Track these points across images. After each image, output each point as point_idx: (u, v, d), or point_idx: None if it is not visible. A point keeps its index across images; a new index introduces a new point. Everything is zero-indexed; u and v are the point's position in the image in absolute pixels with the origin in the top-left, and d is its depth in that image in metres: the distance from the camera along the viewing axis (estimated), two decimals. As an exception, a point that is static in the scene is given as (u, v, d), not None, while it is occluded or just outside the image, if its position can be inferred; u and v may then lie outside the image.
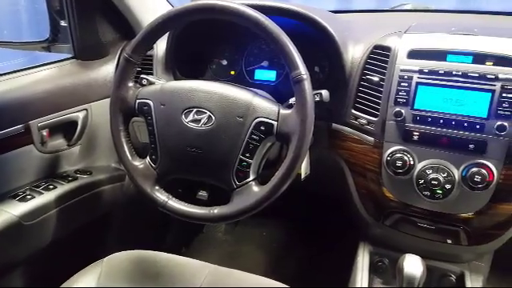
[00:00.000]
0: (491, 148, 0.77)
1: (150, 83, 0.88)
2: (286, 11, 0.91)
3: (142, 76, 0.89)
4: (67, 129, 1.16)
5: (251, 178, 0.77)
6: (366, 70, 0.90)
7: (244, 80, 1.10)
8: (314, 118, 0.74)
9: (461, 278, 0.94)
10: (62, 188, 1.08)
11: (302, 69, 0.72)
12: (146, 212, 1.28)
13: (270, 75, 1.09)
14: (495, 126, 0.76)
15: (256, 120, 0.76)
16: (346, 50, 0.92)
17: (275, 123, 0.75)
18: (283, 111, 0.76)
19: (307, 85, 0.72)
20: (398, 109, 0.83)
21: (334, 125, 0.96)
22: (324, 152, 0.99)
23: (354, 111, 0.91)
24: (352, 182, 0.97)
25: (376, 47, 0.89)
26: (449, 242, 0.89)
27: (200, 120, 0.78)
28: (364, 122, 0.90)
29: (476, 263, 0.96)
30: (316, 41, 0.94)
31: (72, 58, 1.22)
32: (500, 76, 0.76)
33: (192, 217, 0.80)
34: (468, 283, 0.93)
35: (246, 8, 0.74)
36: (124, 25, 1.22)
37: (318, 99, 0.82)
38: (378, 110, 0.87)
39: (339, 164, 0.98)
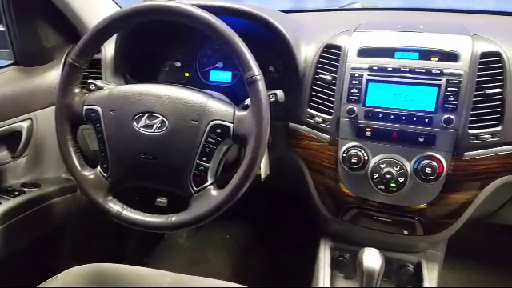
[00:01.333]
0: (440, 140, 0.81)
1: (99, 88, 0.84)
2: (237, 11, 0.90)
3: (89, 81, 0.85)
4: (10, 140, 1.08)
5: (209, 182, 0.76)
6: (318, 69, 0.90)
7: (199, 82, 1.08)
8: (271, 118, 0.73)
9: (418, 267, 0.98)
10: (7, 204, 1.01)
11: (256, 69, 0.72)
12: (102, 223, 1.22)
13: (225, 76, 1.07)
14: (442, 120, 0.79)
15: (211, 123, 0.74)
16: (298, 49, 0.92)
17: (231, 125, 0.74)
18: (239, 113, 0.75)
19: (261, 85, 0.72)
20: (350, 106, 0.85)
21: (290, 124, 0.96)
22: (282, 151, 1.00)
23: (309, 110, 0.92)
24: (310, 180, 0.97)
25: (327, 46, 0.90)
26: (405, 233, 0.92)
27: (152, 125, 0.75)
28: (319, 120, 0.91)
29: (431, 252, 1.00)
30: (269, 41, 0.93)
31: (13, 64, 1.15)
32: (445, 71, 0.80)
33: (148, 226, 0.77)
34: (425, 271, 0.96)
35: (194, 9, 0.72)
36: (69, 28, 1.16)
37: (273, 99, 0.82)
38: (332, 108, 0.88)
39: (297, 163, 0.99)
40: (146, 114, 0.76)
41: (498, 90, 0.78)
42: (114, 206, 0.79)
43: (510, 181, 0.84)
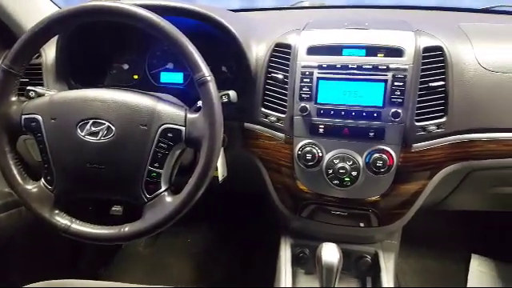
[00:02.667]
0: (389, 134, 0.83)
1: (39, 95, 0.78)
2: (184, 11, 0.88)
3: (28, 88, 0.80)
4: None
5: (163, 188, 0.73)
6: (270, 68, 0.90)
7: (149, 84, 1.04)
8: (225, 119, 0.72)
9: (375, 257, 1.01)
10: None
11: (205, 70, 0.70)
12: (52, 237, 1.15)
13: (176, 78, 1.04)
14: (390, 114, 0.81)
15: (162, 127, 0.71)
16: (249, 49, 0.92)
17: (183, 129, 0.72)
18: (190, 115, 0.73)
19: (212, 86, 0.70)
20: (303, 104, 0.85)
21: (246, 124, 0.95)
22: (239, 152, 0.99)
23: (263, 109, 0.92)
24: (268, 179, 0.97)
25: (277, 45, 0.90)
26: (361, 225, 0.94)
27: (98, 132, 0.71)
28: (274, 119, 0.91)
29: (387, 242, 1.03)
30: (220, 40, 0.92)
31: None
32: (391, 66, 0.82)
33: (100, 239, 0.73)
34: (382, 261, 0.99)
35: (137, 9, 0.69)
36: (3, 31, 1.08)
37: (225, 100, 0.81)
38: (285, 106, 0.89)
39: (255, 162, 0.98)
40: (91, 121, 0.72)
41: (441, 82, 0.82)
42: (62, 220, 0.74)
43: (457, 169, 0.89)
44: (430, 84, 0.81)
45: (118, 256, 1.49)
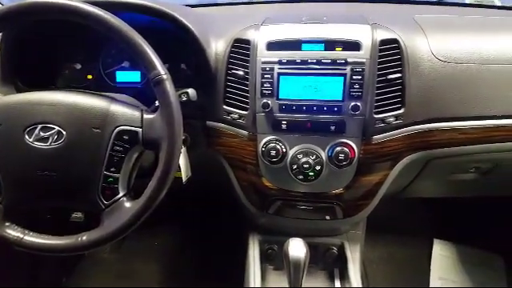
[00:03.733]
0: (349, 127, 0.84)
1: None
2: (136, 7, 0.84)
3: (-31, 92, 0.74)
4: None
5: (121, 194, 0.70)
6: (230, 64, 0.89)
7: (105, 84, 1.00)
8: (187, 118, 0.70)
9: (341, 249, 1.02)
10: None
11: (160, 68, 0.67)
12: (9, 248, 1.08)
13: (133, 76, 1.01)
14: (350, 107, 0.82)
15: (117, 129, 0.68)
16: (208, 45, 0.89)
17: (139, 130, 0.69)
18: (147, 116, 0.70)
19: (168, 85, 0.68)
20: (264, 100, 0.85)
21: (208, 122, 0.94)
22: (203, 151, 0.97)
23: (225, 107, 0.90)
24: (233, 177, 0.96)
25: (236, 41, 0.88)
26: (327, 218, 0.95)
27: (48, 138, 0.67)
28: (236, 116, 0.89)
29: (353, 232, 1.05)
30: (177, 37, 0.89)
31: None
32: (349, 60, 0.82)
33: (56, 250, 0.69)
34: (348, 252, 1.01)
35: (84, 5, 0.65)
36: None
37: (184, 99, 0.79)
38: (247, 103, 0.87)
39: (219, 161, 0.97)
40: (39, 126, 0.67)
41: (398, 75, 0.83)
42: (13, 233, 0.70)
43: (416, 158, 0.91)
44: (388, 76, 0.83)
45: (81, 264, 1.43)
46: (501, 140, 0.90)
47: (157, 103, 0.71)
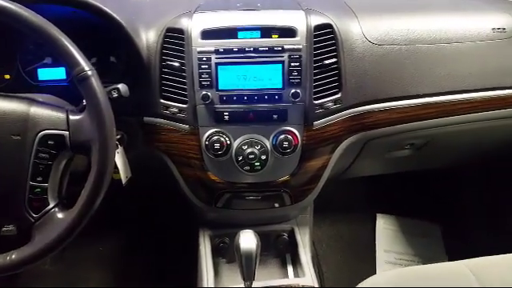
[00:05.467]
0: (291, 115, 0.84)
1: None
2: None
3: None
4: None
5: (52, 204, 0.64)
6: (164, 55, 0.84)
7: (25, 84, 0.90)
8: (122, 115, 0.66)
9: (292, 234, 1.04)
10: None
11: (84, 64, 0.62)
12: None
13: (57, 73, 0.91)
14: (290, 94, 0.82)
15: (40, 134, 0.62)
16: (137, 35, 0.84)
17: (66, 133, 0.63)
18: (74, 117, 0.64)
19: (95, 81, 0.62)
20: (204, 92, 0.82)
21: (145, 118, 0.89)
22: (142, 149, 0.92)
23: (162, 101, 0.86)
24: (178, 173, 0.93)
25: (169, 30, 0.84)
26: (276, 205, 0.95)
27: None
28: (175, 110, 0.86)
29: (301, 216, 1.07)
30: (102, 28, 0.82)
31: None
32: (286, 47, 0.82)
33: None
34: (298, 236, 1.02)
35: None
36: None
37: (115, 95, 0.74)
38: (185, 96, 0.84)
39: (161, 158, 0.93)
40: None
41: (334, 59, 0.84)
42: None
43: (355, 140, 0.94)
44: (324, 62, 0.83)
45: (20, 279, 1.31)
46: (432, 117, 0.95)
47: (84, 102, 0.66)
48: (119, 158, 0.87)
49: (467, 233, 1.46)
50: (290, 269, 1.01)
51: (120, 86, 0.73)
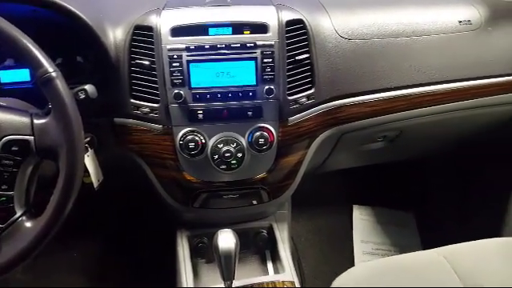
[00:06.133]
0: (266, 111, 0.84)
1: None
2: None
3: None
4: None
5: (18, 213, 0.61)
6: (133, 54, 0.82)
7: (-14, 87, 0.86)
8: (91, 117, 0.63)
9: (271, 230, 1.04)
10: None
11: (48, 65, 0.59)
12: None
13: (21, 75, 0.87)
14: (264, 91, 0.82)
15: (2, 140, 0.59)
16: (104, 33, 0.81)
17: (31, 138, 0.60)
18: (38, 121, 0.61)
19: (59, 83, 0.60)
20: (176, 91, 0.80)
21: (116, 119, 0.86)
22: (114, 151, 0.90)
23: (133, 100, 0.84)
24: (152, 175, 0.91)
25: (137, 28, 0.81)
26: (254, 203, 0.95)
27: None
28: (147, 110, 0.83)
29: (280, 212, 1.07)
30: (68, 27, 0.79)
31: None
32: (258, 43, 0.81)
33: None
34: (276, 232, 1.02)
35: None
36: None
37: (82, 97, 0.71)
38: (157, 95, 0.82)
39: (133, 159, 0.90)
40: None
41: (306, 55, 0.84)
42: None
43: (330, 135, 0.95)
44: (296, 58, 0.83)
45: (-12, 291, 1.26)
46: (403, 109, 0.97)
47: (50, 105, 0.63)
48: (90, 161, 0.84)
49: (439, 221, 1.51)
50: (269, 265, 1.01)
51: (87, 86, 0.71)
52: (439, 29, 0.95)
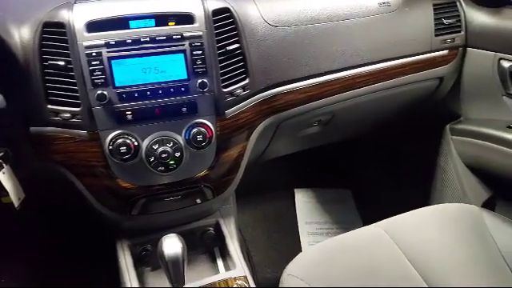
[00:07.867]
0: (201, 106, 0.80)
1: None
2: None
3: None
4: None
5: None
6: (44, 54, 0.73)
7: None
8: (4, 128, 0.55)
9: (217, 226, 1.01)
10: None
11: None
12: None
13: None
14: (197, 85, 0.78)
15: None
16: (8, 34, 0.71)
17: None
18: None
19: None
20: (99, 91, 0.73)
21: (32, 129, 0.77)
22: (34, 165, 0.80)
23: (50, 106, 0.75)
24: (81, 186, 0.83)
25: (46, 25, 0.73)
26: (198, 201, 0.91)
27: None
28: (67, 115, 0.75)
29: (225, 207, 1.04)
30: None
31: None
32: (185, 35, 0.77)
33: None
34: (223, 228, 1.00)
35: None
36: None
37: None
38: (77, 98, 0.74)
39: (58, 171, 0.81)
40: None
41: (237, 45, 0.82)
42: None
43: (268, 124, 0.94)
44: (227, 48, 0.80)
45: None
46: (334, 93, 0.99)
47: None
48: (7, 179, 0.74)
49: (375, 194, 1.60)
50: (219, 263, 0.98)
51: (-7, 96, 0.61)
52: (361, 12, 0.98)
